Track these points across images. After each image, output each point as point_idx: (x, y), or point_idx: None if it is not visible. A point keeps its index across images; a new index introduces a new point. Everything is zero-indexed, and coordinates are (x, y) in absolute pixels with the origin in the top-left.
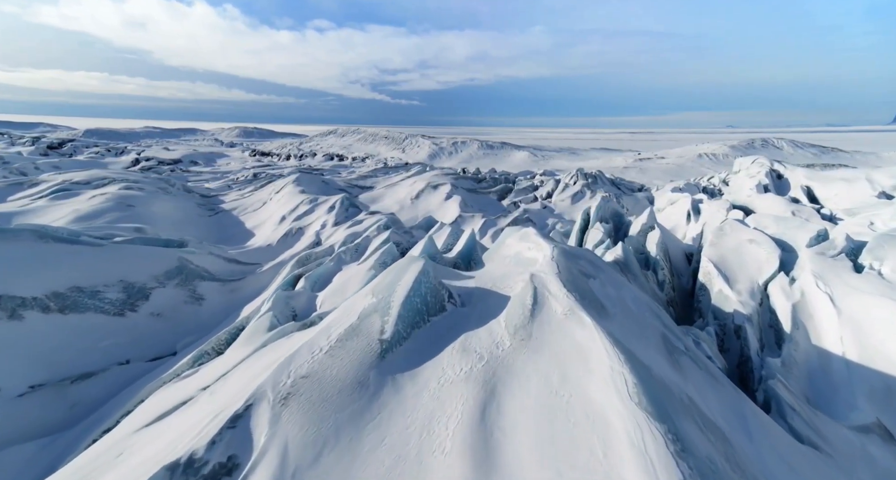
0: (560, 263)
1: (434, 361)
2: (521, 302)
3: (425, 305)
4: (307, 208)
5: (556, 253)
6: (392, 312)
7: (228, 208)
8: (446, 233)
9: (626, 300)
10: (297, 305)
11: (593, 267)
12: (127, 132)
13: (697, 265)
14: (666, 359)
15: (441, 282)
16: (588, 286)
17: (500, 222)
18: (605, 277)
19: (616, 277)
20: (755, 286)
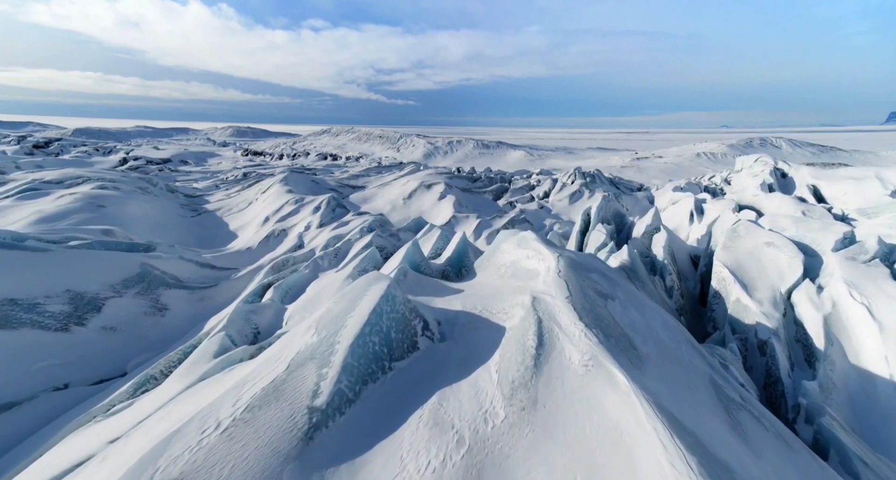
0: (570, 279)
1: (390, 444)
2: (520, 342)
3: (387, 345)
4: (292, 208)
5: (563, 265)
6: (335, 360)
7: (213, 208)
8: (436, 236)
9: (655, 329)
10: (262, 320)
11: (608, 282)
12: (118, 132)
13: (705, 269)
14: (725, 423)
15: (413, 308)
16: (608, 313)
17: (495, 223)
18: (623, 295)
19: (636, 294)
20: (777, 295)
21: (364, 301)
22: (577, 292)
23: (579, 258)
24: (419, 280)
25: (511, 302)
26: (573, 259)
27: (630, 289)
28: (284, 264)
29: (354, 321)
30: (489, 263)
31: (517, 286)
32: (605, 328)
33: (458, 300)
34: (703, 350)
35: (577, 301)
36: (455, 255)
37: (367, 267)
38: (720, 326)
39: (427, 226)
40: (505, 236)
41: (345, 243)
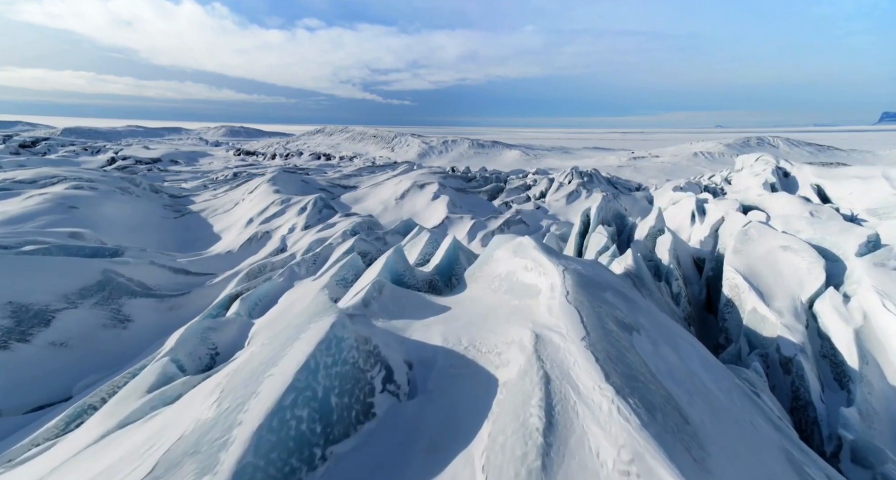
0: (582, 305)
1: None
2: (518, 417)
3: (322, 419)
4: (277, 209)
5: (571, 283)
6: (226, 461)
7: (198, 209)
8: (424, 240)
9: (698, 375)
10: (222, 339)
11: (628, 305)
12: (108, 131)
13: (712, 273)
14: None
15: (374, 350)
16: (639, 359)
17: (490, 224)
18: (649, 322)
19: (661, 319)
20: (798, 305)
21: (294, 350)
22: (594, 327)
23: (588, 270)
24: (398, 296)
25: (506, 337)
26: (581, 273)
27: (653, 313)
28: (261, 271)
29: (272, 385)
30: (481, 273)
31: (514, 307)
32: (644, 391)
33: (440, 329)
34: (746, 389)
35: (597, 344)
36: (444, 262)
37: (346, 276)
38: (733, 337)
39: (416, 229)
40: (499, 242)
41: (325, 248)
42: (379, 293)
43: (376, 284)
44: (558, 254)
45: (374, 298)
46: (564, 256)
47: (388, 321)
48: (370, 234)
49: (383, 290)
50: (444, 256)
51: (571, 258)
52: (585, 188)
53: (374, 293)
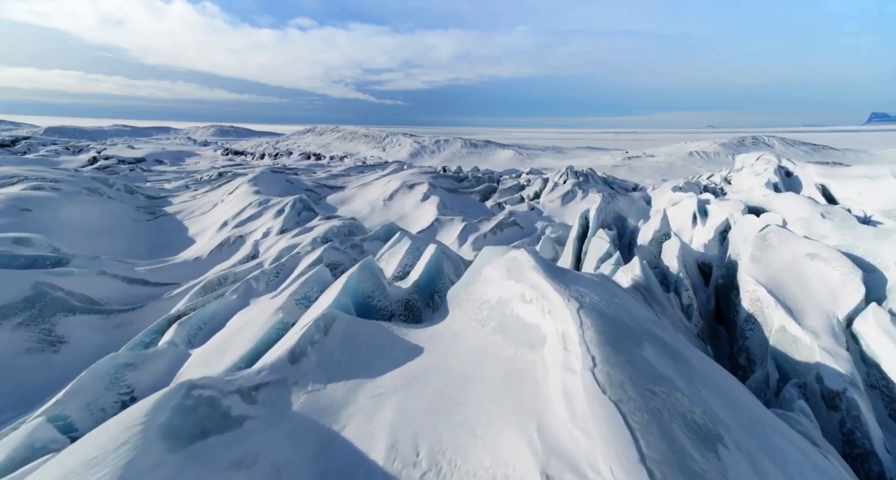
0: (625, 398)
1: None
2: None
3: None
4: (254, 211)
5: (595, 338)
6: None
7: (174, 210)
8: (405, 249)
9: None
10: (144, 379)
11: (679, 371)
12: (93, 130)
13: (722, 281)
14: None
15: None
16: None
17: (482, 227)
18: (723, 408)
19: (726, 385)
20: (834, 323)
21: None
22: (663, 464)
23: (607, 303)
24: (353, 335)
25: (492, 454)
26: (603, 313)
27: (708, 371)
28: (220, 283)
29: None
30: (467, 295)
31: (508, 367)
32: None
33: (392, 413)
34: None
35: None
36: (424, 278)
37: (309, 293)
38: (756, 358)
39: (396, 235)
40: (488, 257)
41: (291, 259)
42: (324, 335)
43: (322, 320)
44: (562, 273)
45: (312, 344)
46: (569, 272)
47: (320, 391)
48: (345, 241)
49: (332, 328)
50: (424, 271)
51: (579, 278)
52: (581, 189)
53: (313, 337)
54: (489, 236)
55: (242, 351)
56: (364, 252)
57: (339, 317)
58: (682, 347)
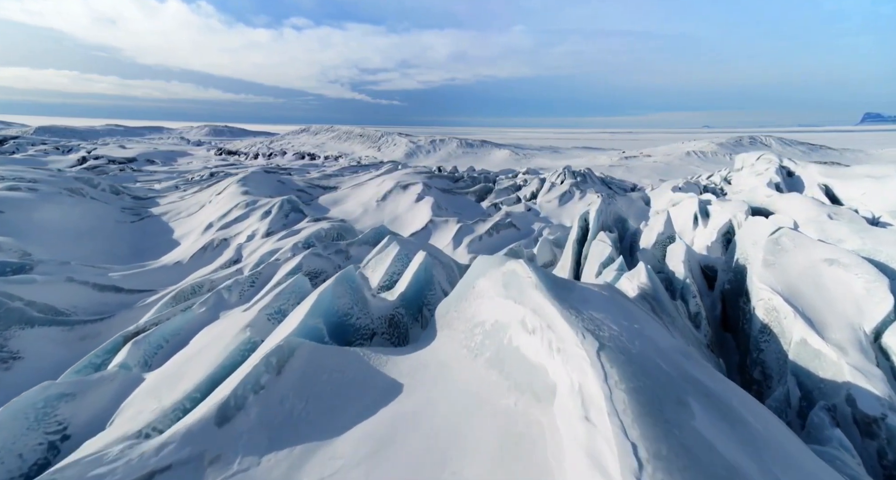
0: None
1: None
2: None
3: None
4: (241, 213)
5: (627, 402)
6: None
7: (161, 212)
8: (392, 255)
9: None
10: (83, 411)
11: (744, 436)
12: (85, 130)
13: (729, 286)
14: None
15: None
16: None
17: (478, 229)
18: None
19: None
20: (862, 337)
21: None
22: None
23: (634, 339)
24: (316, 370)
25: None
26: (630, 355)
27: (804, 460)
28: (195, 291)
29: None
30: (458, 313)
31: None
32: None
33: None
34: None
35: None
36: (412, 289)
37: (284, 306)
38: (773, 372)
39: (385, 240)
40: (483, 267)
41: (269, 266)
42: (276, 375)
43: (275, 355)
44: (567, 289)
45: (257, 391)
46: (574, 286)
47: (249, 471)
48: (329, 246)
49: (288, 364)
50: (412, 282)
51: (587, 294)
52: (579, 189)
53: (259, 381)
54: (485, 238)
55: (199, 378)
56: (350, 258)
57: (300, 348)
58: (730, 393)
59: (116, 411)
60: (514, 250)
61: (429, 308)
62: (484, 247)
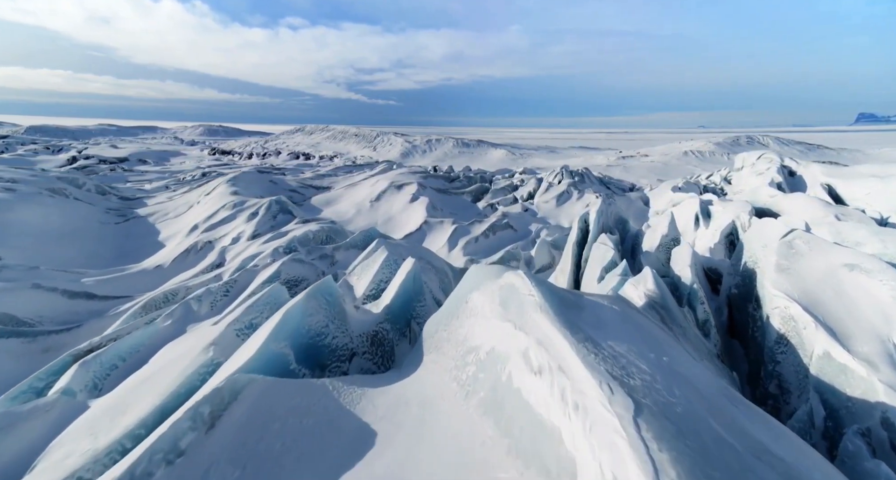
0: None
1: None
2: None
3: None
4: (227, 214)
5: None
6: None
7: (147, 212)
8: (379, 262)
9: None
10: (7, 449)
11: None
12: (77, 130)
13: (736, 291)
14: None
15: None
16: None
17: (474, 230)
18: None
19: None
20: (891, 349)
21: None
22: None
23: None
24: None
25: None
26: (676, 417)
27: None
28: (167, 300)
29: None
30: (448, 334)
31: None
32: None
33: None
34: None
35: None
36: (399, 300)
37: (256, 320)
38: (792, 387)
39: (374, 243)
40: (478, 278)
41: (246, 273)
42: (204, 432)
43: (207, 404)
44: (576, 308)
45: (169, 463)
46: (582, 301)
47: None
48: (313, 251)
49: (226, 415)
50: (399, 292)
51: (598, 310)
52: (576, 189)
53: (177, 445)
54: (481, 240)
55: (146, 410)
56: (335, 264)
57: (249, 387)
58: (802, 460)
59: (45, 450)
60: (512, 252)
61: (418, 322)
62: (480, 249)
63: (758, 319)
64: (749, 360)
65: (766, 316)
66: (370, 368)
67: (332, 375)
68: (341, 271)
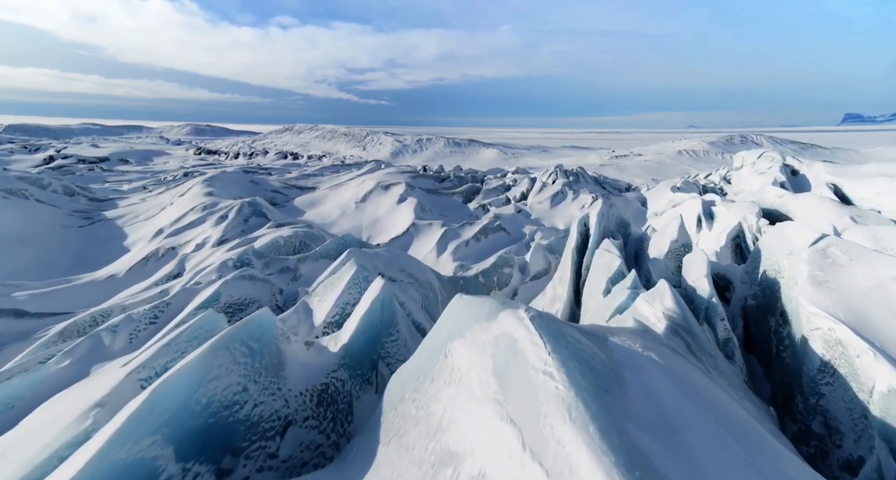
0: None
1: None
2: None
3: None
4: (196, 217)
5: None
6: None
7: (117, 215)
8: (345, 280)
9: None
10: None
11: None
12: (59, 129)
13: (754, 303)
14: None
15: None
16: None
17: (464, 233)
18: None
19: None
20: None
21: None
22: None
23: None
24: None
25: None
26: None
27: None
28: (95, 323)
29: None
30: (417, 411)
31: None
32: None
33: None
34: None
35: None
36: (361, 338)
37: (172, 364)
38: (843, 428)
39: (345, 254)
40: (460, 320)
41: (182, 294)
42: None
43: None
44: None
45: None
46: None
47: None
48: (273, 264)
49: None
50: (361, 328)
51: (661, 389)
52: (571, 189)
53: None
54: (472, 244)
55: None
56: (298, 279)
57: None
58: None
59: None
60: (504, 257)
61: (387, 362)
62: (471, 253)
63: (785, 337)
64: (773, 382)
65: (802, 337)
66: (314, 441)
67: (250, 463)
68: (303, 289)
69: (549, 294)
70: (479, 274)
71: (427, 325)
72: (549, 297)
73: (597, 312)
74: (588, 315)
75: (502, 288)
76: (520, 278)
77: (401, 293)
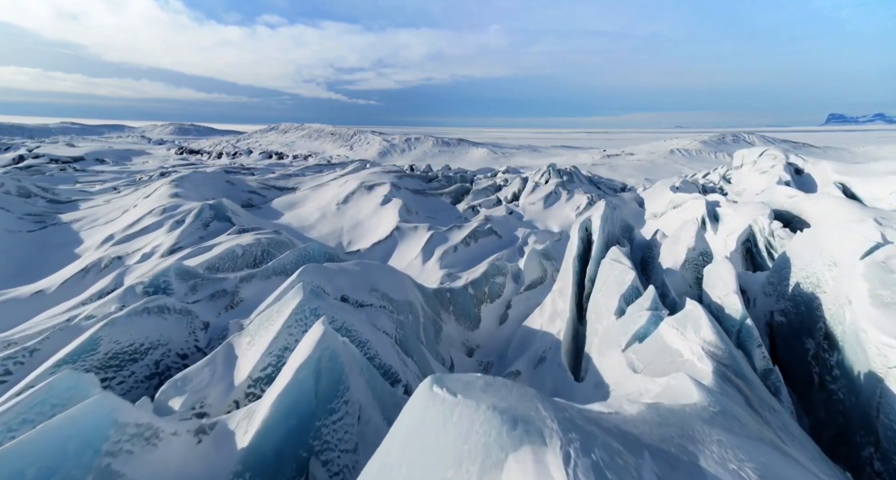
0: None
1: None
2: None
3: None
4: (153, 221)
5: None
6: None
7: (74, 218)
8: (289, 310)
9: None
10: None
11: None
12: (36, 128)
13: (780, 320)
14: None
15: None
16: None
17: (452, 237)
18: None
19: None
20: None
21: None
22: None
23: None
24: None
25: None
26: None
27: None
28: None
29: None
30: None
31: None
32: None
33: None
34: None
35: None
36: (282, 426)
37: None
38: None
39: (297, 273)
40: (435, 471)
41: (63, 333)
42: None
43: None
44: None
45: None
46: None
47: None
48: (203, 287)
49: None
50: (279, 413)
51: None
52: (565, 189)
53: None
54: (461, 249)
55: None
56: (238, 304)
57: None
58: None
59: None
60: (496, 264)
61: (325, 459)
62: (460, 260)
63: (834, 366)
64: (816, 417)
65: (869, 372)
66: None
67: None
68: (237, 322)
69: (549, 309)
70: (468, 285)
71: (399, 369)
72: (548, 312)
73: (608, 337)
74: (597, 339)
75: (494, 300)
76: (513, 288)
77: (364, 328)
